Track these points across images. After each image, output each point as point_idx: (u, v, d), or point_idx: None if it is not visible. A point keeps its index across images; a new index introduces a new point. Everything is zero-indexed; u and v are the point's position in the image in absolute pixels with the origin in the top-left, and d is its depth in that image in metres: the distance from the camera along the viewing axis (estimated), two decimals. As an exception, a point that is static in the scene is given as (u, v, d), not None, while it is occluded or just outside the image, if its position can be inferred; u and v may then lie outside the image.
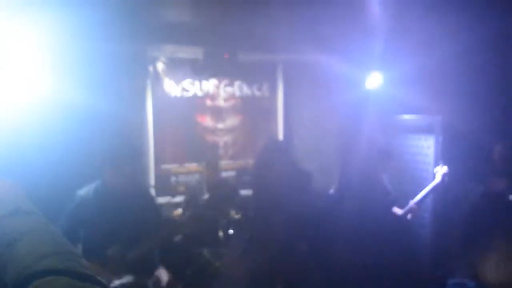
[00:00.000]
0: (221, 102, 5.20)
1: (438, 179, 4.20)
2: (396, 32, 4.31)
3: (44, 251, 0.64)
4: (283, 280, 3.46)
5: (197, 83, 5.02)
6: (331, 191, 4.58)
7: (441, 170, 4.19)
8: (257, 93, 5.40)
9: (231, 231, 4.14)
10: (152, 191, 4.27)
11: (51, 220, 0.73)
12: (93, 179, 2.98)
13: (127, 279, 2.64)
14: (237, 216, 4.25)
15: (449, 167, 4.20)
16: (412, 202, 4.17)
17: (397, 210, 4.17)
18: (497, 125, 4.73)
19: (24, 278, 0.59)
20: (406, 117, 5.18)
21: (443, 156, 4.50)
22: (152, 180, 4.77)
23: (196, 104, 5.07)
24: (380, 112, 5.06)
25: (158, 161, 4.85)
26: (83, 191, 2.94)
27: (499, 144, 4.19)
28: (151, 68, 4.67)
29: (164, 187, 4.74)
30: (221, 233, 4.10)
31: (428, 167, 4.71)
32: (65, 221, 2.80)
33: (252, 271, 3.29)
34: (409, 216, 4.15)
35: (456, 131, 4.60)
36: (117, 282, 2.60)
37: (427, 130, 4.86)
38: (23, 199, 0.80)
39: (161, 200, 4.30)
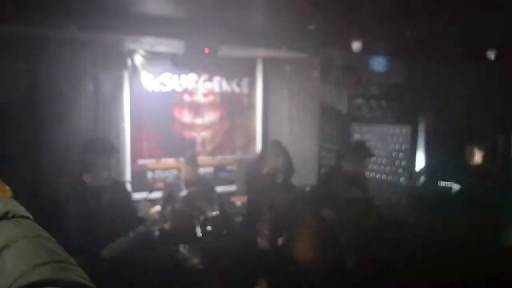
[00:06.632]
0: (199, 98, 5.13)
1: None
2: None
3: (37, 259, 0.58)
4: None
5: (175, 77, 4.93)
6: (307, 188, 4.57)
7: None
8: (236, 89, 5.35)
9: (209, 228, 4.10)
10: (128, 187, 4.17)
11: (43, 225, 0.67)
12: (70, 175, 2.89)
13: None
14: (214, 213, 4.21)
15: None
16: None
17: None
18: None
19: None
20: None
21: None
22: (128, 176, 4.66)
23: (174, 99, 4.98)
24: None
25: (134, 156, 4.75)
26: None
27: None
28: (128, 61, 4.55)
29: (141, 182, 4.65)
30: (198, 230, 4.05)
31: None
32: None
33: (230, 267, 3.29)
34: None
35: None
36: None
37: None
38: (11, 201, 0.73)
39: (138, 196, 4.21)
